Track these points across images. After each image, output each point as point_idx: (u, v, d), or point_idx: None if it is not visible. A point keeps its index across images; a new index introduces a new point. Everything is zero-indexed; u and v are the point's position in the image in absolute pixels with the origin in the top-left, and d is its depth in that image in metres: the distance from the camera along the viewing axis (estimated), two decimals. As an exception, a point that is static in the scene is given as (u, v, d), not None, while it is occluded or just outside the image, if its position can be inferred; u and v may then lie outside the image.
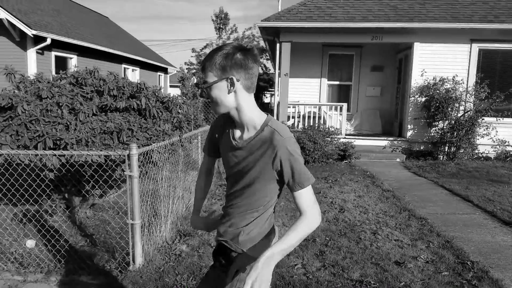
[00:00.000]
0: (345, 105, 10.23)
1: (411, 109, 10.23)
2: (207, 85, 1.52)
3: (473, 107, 9.37)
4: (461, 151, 9.45)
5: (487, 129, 9.50)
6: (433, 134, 10.11)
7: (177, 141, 4.68)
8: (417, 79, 10.14)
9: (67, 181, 4.69)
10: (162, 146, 4.16)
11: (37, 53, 10.86)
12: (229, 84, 1.50)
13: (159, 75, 21.48)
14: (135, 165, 3.37)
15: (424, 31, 9.86)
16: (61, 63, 12.20)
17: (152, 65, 19.49)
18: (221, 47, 1.52)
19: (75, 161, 3.72)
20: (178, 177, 4.89)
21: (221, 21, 27.35)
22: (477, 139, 9.48)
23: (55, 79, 4.66)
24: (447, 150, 9.65)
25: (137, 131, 4.18)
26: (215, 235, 4.35)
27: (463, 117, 9.30)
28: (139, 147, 3.72)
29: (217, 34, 27.42)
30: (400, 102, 11.16)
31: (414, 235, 4.57)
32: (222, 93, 1.52)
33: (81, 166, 4.13)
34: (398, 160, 9.70)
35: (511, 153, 9.76)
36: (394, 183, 7.17)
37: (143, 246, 3.59)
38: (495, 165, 8.96)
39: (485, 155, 9.73)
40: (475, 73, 9.99)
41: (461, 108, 9.62)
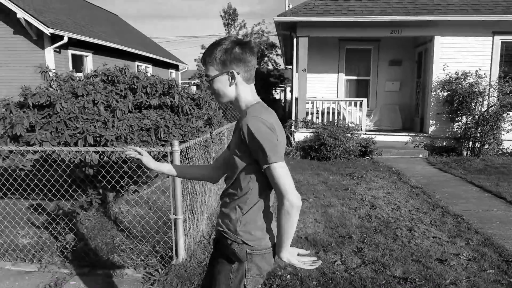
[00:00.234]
0: (365, 101, 10.12)
1: (432, 104, 10.09)
2: (210, 78, 1.63)
3: (497, 102, 9.21)
4: (486, 147, 9.30)
5: (513, 124, 9.34)
6: (456, 129, 9.97)
7: (209, 137, 4.66)
8: (438, 74, 10.00)
9: (102, 177, 4.69)
10: (197, 142, 4.13)
11: (54, 51, 10.89)
12: (229, 77, 1.61)
13: (171, 72, 21.49)
14: (177, 161, 3.34)
15: (444, 24, 9.70)
16: (77, 61, 12.24)
17: (163, 62, 19.49)
18: (220, 41, 1.61)
19: (117, 157, 3.71)
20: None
21: (230, 17, 27.26)
22: (502, 135, 9.32)
23: (87, 77, 4.65)
24: (471, 145, 9.51)
25: (172, 127, 4.16)
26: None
27: (487, 112, 9.15)
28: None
29: (225, 30, 27.36)
30: (421, 97, 11.01)
31: (451, 232, 4.50)
32: (223, 86, 1.63)
33: (123, 162, 4.12)
34: (421, 156, 9.58)
35: (536, 148, 9.60)
36: (421, 180, 7.07)
37: (185, 240, 3.57)
38: (520, 160, 8.82)
39: (510, 151, 9.57)
40: (498, 67, 9.82)
41: (485, 102, 9.46)
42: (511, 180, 6.94)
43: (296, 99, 10.35)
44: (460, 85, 9.44)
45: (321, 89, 11.66)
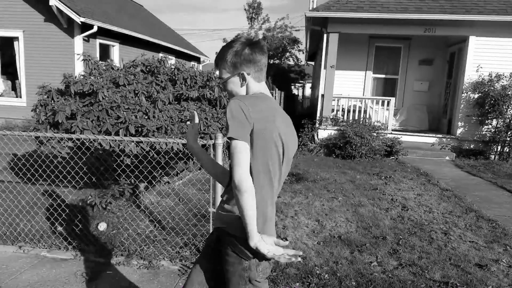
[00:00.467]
0: (393, 100, 9.96)
1: (462, 106, 9.87)
2: (223, 80, 1.71)
3: (531, 106, 8.96)
4: (516, 151, 9.07)
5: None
6: (484, 132, 9.74)
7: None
8: (470, 75, 9.76)
9: (134, 167, 4.73)
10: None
11: (83, 40, 11.02)
12: (241, 78, 1.69)
13: (193, 64, 21.52)
14: (220, 154, 3.33)
15: (481, 24, 9.43)
16: (104, 51, 12.37)
17: (186, 54, 19.54)
18: (231, 44, 1.69)
19: (160, 148, 3.73)
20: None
21: (254, 10, 27.15)
22: (534, 140, 9.07)
23: (127, 67, 4.67)
24: (500, 149, 9.28)
25: (210, 120, 4.15)
26: (282, 226, 4.29)
27: (519, 116, 8.91)
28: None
29: (249, 24, 27.27)
30: (450, 98, 10.78)
31: (487, 237, 4.40)
32: (235, 86, 1.71)
33: (157, 153, 4.14)
34: (447, 158, 9.40)
35: None
36: (450, 182, 6.94)
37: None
38: (552, 167, 8.57)
39: (541, 157, 9.32)
40: (534, 70, 9.53)
41: (518, 106, 9.21)
42: (545, 187, 6.75)
43: (322, 95, 10.25)
44: (492, 88, 9.20)
45: (347, 87, 11.52)
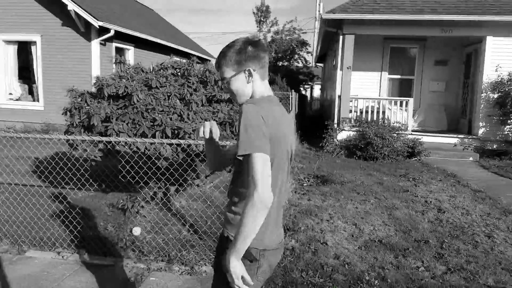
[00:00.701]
0: (411, 100, 9.83)
1: (482, 106, 9.71)
2: (227, 80, 1.64)
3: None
4: (541, 151, 8.89)
5: None
6: (507, 132, 9.57)
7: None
8: (489, 74, 9.60)
9: (165, 169, 4.64)
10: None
11: (100, 44, 11.00)
12: (247, 75, 1.63)
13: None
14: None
15: (498, 24, 9.28)
16: (119, 54, 12.35)
17: (196, 57, 19.52)
18: (232, 44, 1.65)
19: (195, 150, 3.63)
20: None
21: (262, 14, 27.12)
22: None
23: (156, 70, 4.60)
24: (524, 149, 9.10)
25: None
26: (319, 230, 4.17)
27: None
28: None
29: (257, 27, 27.26)
30: (469, 98, 10.62)
31: (532, 240, 4.25)
32: (241, 84, 1.64)
33: (187, 155, 4.05)
34: (471, 159, 9.23)
35: None
36: (479, 183, 6.78)
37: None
38: None
39: None
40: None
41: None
42: None
43: (339, 97, 10.13)
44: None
45: (362, 88, 11.39)
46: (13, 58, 11.96)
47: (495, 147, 9.68)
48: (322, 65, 25.72)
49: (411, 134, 9.68)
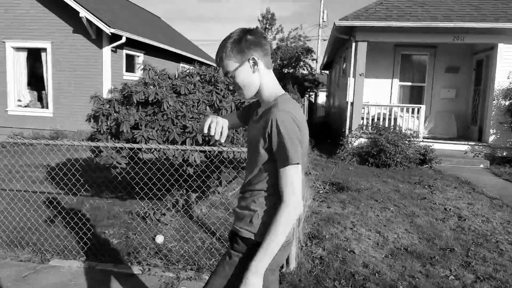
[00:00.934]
0: (423, 107, 9.85)
1: (494, 113, 9.73)
2: (231, 73, 1.55)
3: None
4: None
5: None
6: (518, 139, 9.58)
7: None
8: (501, 82, 9.63)
9: (188, 176, 4.65)
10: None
11: (111, 51, 11.06)
12: (252, 64, 1.54)
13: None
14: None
15: (510, 31, 9.33)
16: (129, 61, 12.40)
17: (203, 64, 19.63)
18: (229, 36, 1.57)
19: (224, 158, 3.65)
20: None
21: (268, 21, 27.27)
22: None
23: (181, 76, 4.63)
24: (535, 157, 9.10)
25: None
26: (344, 238, 4.17)
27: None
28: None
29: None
30: (480, 105, 10.64)
31: (557, 248, 4.24)
32: (248, 75, 1.55)
33: (211, 162, 4.07)
34: (482, 166, 9.24)
35: None
36: (493, 191, 6.79)
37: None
38: None
39: None
40: None
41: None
42: None
43: (351, 103, 10.16)
44: (525, 94, 9.07)
45: (373, 95, 11.43)
46: (23, 65, 12.01)
47: (505, 154, 9.68)
48: (327, 72, 25.84)
49: (423, 141, 9.70)
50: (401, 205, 5.64)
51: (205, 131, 1.71)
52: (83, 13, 10.19)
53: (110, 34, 10.40)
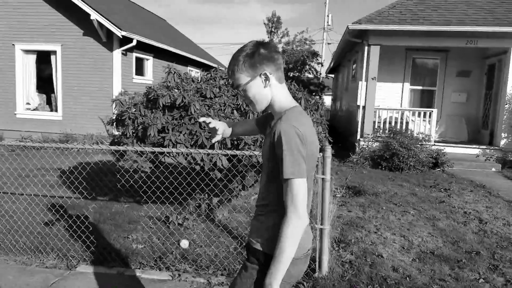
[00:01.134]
0: (435, 111, 9.85)
1: (505, 117, 9.72)
2: (243, 87, 1.56)
3: None
4: None
5: None
6: (530, 143, 9.56)
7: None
8: (513, 86, 9.63)
9: (210, 180, 4.64)
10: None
11: (121, 54, 11.07)
12: (263, 79, 1.55)
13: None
14: (328, 168, 3.24)
15: (523, 35, 9.34)
16: (138, 64, 12.42)
17: (209, 67, 19.67)
18: (242, 48, 1.58)
19: (254, 161, 3.64)
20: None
21: (273, 24, 27.32)
22: None
23: (204, 80, 4.63)
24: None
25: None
26: (370, 242, 4.15)
27: None
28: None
29: (268, 37, 27.40)
30: (491, 109, 10.62)
31: None
32: (259, 90, 1.56)
33: (233, 166, 4.06)
34: (493, 169, 9.22)
35: None
36: (509, 194, 6.77)
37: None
38: None
39: None
40: None
41: None
42: None
43: (363, 107, 10.16)
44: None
45: (384, 98, 11.43)
46: (32, 67, 12.03)
47: (517, 158, 9.66)
48: (332, 76, 25.86)
49: (434, 145, 9.68)
50: (421, 209, 5.63)
51: (200, 120, 1.86)
52: (94, 16, 10.21)
53: (121, 37, 10.42)
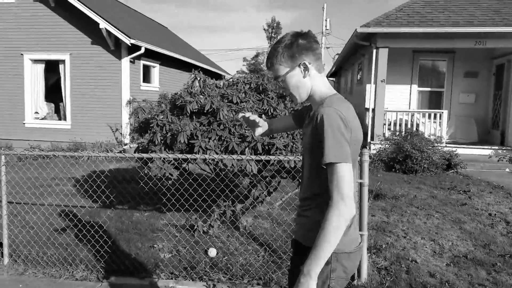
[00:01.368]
0: (445, 112, 9.83)
1: (516, 117, 9.70)
2: (282, 77, 1.55)
3: None
4: None
5: None
6: (543, 143, 9.53)
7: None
8: (523, 85, 9.62)
9: (234, 186, 4.58)
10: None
11: (130, 62, 11.05)
12: (302, 69, 1.54)
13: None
14: (366, 172, 3.19)
15: (532, 35, 9.35)
16: (145, 72, 12.40)
17: (212, 73, 19.65)
18: (281, 39, 1.56)
19: (282, 167, 3.59)
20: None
21: (273, 30, 27.41)
22: None
23: (227, 85, 4.59)
24: None
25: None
26: (401, 247, 4.08)
27: None
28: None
29: (268, 43, 27.50)
30: (501, 109, 10.61)
31: None
32: (299, 80, 1.55)
33: (258, 171, 4.01)
34: (507, 170, 9.17)
35: None
36: (530, 195, 6.72)
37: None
38: None
39: None
40: None
41: None
42: None
43: (373, 110, 10.13)
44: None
45: (393, 100, 11.41)
46: (40, 77, 12.01)
47: (530, 158, 9.63)
48: (333, 79, 25.88)
49: (446, 146, 9.65)
50: (444, 212, 5.57)
51: (239, 116, 1.86)
52: (103, 25, 10.20)
53: (130, 44, 10.40)
